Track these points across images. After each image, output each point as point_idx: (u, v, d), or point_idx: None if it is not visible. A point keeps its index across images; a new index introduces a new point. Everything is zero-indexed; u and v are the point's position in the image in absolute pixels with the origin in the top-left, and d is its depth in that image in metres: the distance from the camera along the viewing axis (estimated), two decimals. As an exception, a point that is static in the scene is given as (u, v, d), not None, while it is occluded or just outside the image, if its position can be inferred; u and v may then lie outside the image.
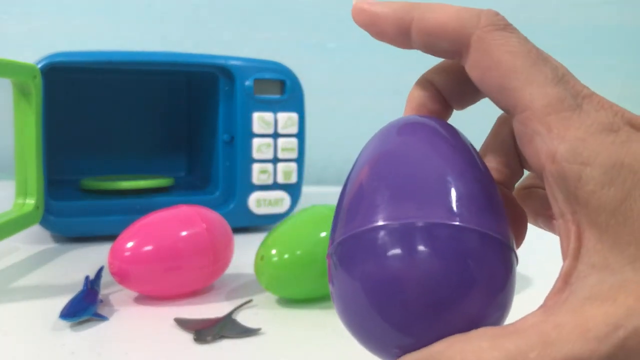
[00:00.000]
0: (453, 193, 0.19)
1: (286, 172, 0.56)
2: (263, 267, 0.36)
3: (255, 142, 0.54)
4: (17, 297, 0.37)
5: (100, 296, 0.36)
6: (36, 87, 0.45)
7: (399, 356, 0.19)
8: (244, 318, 0.35)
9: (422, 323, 0.18)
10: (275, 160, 0.55)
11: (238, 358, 0.30)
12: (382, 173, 0.20)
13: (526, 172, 0.24)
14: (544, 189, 0.20)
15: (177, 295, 0.38)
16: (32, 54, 0.52)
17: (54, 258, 0.46)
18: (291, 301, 0.38)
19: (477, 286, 0.18)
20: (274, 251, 0.36)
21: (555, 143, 0.18)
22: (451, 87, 0.23)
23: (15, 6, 0.83)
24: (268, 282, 0.36)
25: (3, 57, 0.40)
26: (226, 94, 0.55)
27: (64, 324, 0.33)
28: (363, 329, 0.20)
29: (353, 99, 0.93)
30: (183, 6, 0.87)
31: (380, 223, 0.19)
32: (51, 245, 0.50)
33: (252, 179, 0.55)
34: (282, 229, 0.37)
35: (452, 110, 0.23)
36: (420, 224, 0.18)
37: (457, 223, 0.18)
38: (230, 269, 0.40)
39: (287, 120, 0.55)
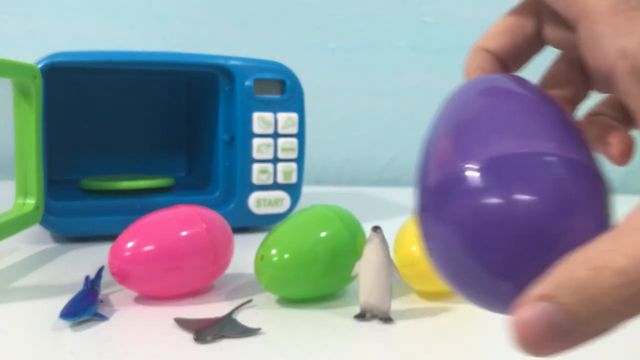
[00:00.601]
0: (541, 126, 0.19)
1: (286, 172, 0.56)
2: (263, 267, 0.36)
3: (255, 142, 0.54)
4: (17, 297, 0.37)
5: (100, 296, 0.36)
6: (36, 87, 0.45)
7: (514, 297, 0.18)
8: (244, 318, 0.35)
9: (532, 257, 0.18)
10: (275, 160, 0.55)
11: (238, 358, 0.30)
12: (465, 120, 0.20)
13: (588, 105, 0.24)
14: (606, 115, 0.22)
15: (177, 295, 0.38)
16: (32, 54, 0.52)
17: (54, 258, 0.46)
18: (291, 301, 0.38)
19: (580, 211, 0.18)
20: (274, 251, 0.36)
21: (623, 40, 0.18)
22: (507, 49, 0.24)
23: (15, 6, 0.83)
24: (268, 282, 0.36)
25: (3, 57, 0.40)
26: (226, 94, 0.55)
27: (64, 324, 0.33)
28: (468, 278, 0.19)
29: (353, 99, 0.93)
30: (183, 6, 0.87)
31: (471, 161, 0.19)
32: (51, 245, 0.50)
33: (252, 179, 0.55)
34: (282, 229, 0.37)
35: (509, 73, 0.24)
36: (511, 155, 0.18)
37: (550, 151, 0.18)
38: (230, 269, 0.40)
39: (287, 120, 0.55)
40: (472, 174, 0.18)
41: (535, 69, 0.26)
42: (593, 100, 0.25)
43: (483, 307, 0.19)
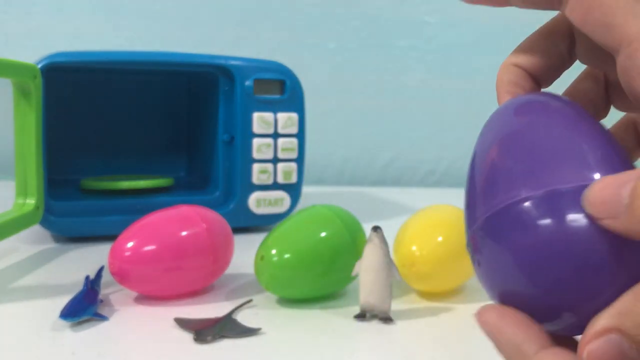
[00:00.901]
0: (589, 156, 0.19)
1: (286, 172, 0.56)
2: (263, 267, 0.36)
3: (255, 142, 0.54)
4: (17, 297, 0.37)
5: (100, 296, 0.36)
6: (36, 87, 0.45)
7: (576, 324, 0.18)
8: (244, 318, 0.35)
9: (592, 287, 0.18)
10: (275, 160, 0.55)
11: (238, 358, 0.30)
12: (512, 149, 0.21)
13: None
14: (619, 139, 0.22)
15: (177, 295, 0.38)
16: (32, 54, 0.52)
17: (54, 258, 0.46)
18: (291, 301, 0.38)
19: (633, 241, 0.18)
20: (274, 251, 0.36)
21: None
22: (539, 65, 0.24)
23: (15, 6, 0.83)
24: (268, 282, 0.36)
25: (3, 57, 0.40)
26: (226, 94, 0.55)
27: (64, 324, 0.33)
28: (526, 305, 0.19)
29: (353, 99, 0.93)
30: (183, 6, 0.87)
31: (524, 195, 0.19)
32: (51, 245, 0.50)
33: (252, 179, 0.55)
34: (282, 229, 0.37)
35: (540, 88, 0.24)
36: (564, 189, 0.19)
37: None
38: (230, 269, 0.41)
39: (287, 120, 0.55)
40: (532, 205, 0.19)
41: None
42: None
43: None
